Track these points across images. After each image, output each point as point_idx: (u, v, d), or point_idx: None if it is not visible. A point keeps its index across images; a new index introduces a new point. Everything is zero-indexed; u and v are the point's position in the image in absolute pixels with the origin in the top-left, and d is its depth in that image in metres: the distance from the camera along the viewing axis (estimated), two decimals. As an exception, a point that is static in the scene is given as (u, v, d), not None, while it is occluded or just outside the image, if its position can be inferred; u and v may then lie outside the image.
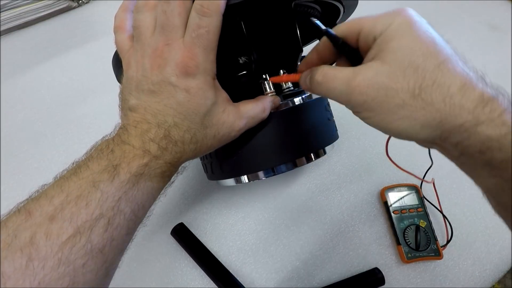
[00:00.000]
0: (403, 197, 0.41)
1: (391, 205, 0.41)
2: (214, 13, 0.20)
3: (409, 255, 0.38)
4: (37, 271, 0.16)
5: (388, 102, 0.18)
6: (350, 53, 0.21)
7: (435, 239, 0.39)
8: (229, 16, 0.21)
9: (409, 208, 0.40)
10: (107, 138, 0.22)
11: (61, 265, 0.17)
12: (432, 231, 0.39)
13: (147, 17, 0.22)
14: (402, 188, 0.42)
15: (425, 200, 0.41)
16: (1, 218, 0.18)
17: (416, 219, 0.40)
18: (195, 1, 0.20)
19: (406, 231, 0.39)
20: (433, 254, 0.38)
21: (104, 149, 0.20)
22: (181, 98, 0.21)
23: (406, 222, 0.40)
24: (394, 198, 0.41)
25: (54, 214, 0.17)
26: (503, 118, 0.16)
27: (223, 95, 0.24)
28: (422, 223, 0.39)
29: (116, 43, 0.24)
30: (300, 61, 0.29)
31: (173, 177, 0.24)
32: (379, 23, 0.19)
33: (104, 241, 0.18)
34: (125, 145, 0.20)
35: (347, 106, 0.21)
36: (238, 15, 0.23)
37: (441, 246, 0.39)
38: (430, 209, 0.41)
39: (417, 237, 0.39)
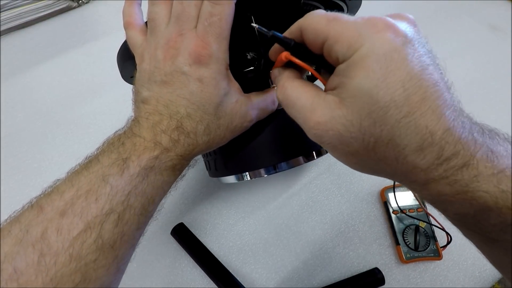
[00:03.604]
0: (403, 197, 0.41)
1: (391, 205, 0.41)
2: (226, 2, 0.20)
3: (408, 255, 0.38)
4: (49, 267, 0.16)
5: (342, 149, 0.17)
6: (311, 58, 0.18)
7: (435, 240, 0.39)
8: (240, 12, 0.21)
9: (409, 209, 0.40)
10: (119, 132, 0.22)
11: (72, 260, 0.17)
12: (432, 231, 0.39)
13: (163, 10, 0.22)
14: (402, 188, 0.41)
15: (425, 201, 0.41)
16: (15, 213, 0.18)
17: (416, 219, 0.40)
18: None
19: (405, 231, 0.39)
20: (432, 254, 0.38)
21: (115, 142, 0.20)
22: (194, 88, 0.21)
23: (405, 223, 0.40)
24: (394, 198, 0.41)
25: (64, 209, 0.17)
26: (456, 177, 0.15)
27: (236, 85, 0.24)
28: (422, 224, 0.39)
29: (128, 39, 0.24)
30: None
31: (184, 171, 0.23)
32: (347, 40, 0.15)
33: (114, 236, 0.18)
34: (136, 137, 0.20)
35: None
36: (249, 11, 0.23)
37: (441, 247, 0.39)
38: (430, 209, 0.41)
39: (416, 237, 0.39)
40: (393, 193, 0.41)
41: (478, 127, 0.16)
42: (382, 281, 0.37)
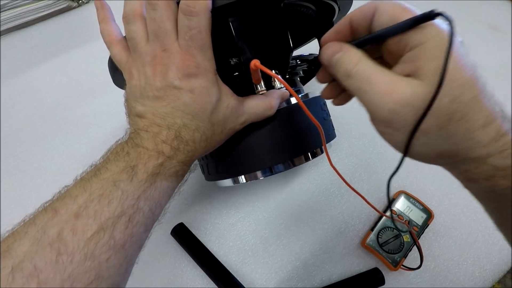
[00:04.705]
0: (411, 209, 0.41)
1: (394, 205, 0.41)
2: (201, 12, 0.20)
3: (370, 243, 0.39)
4: (66, 265, 0.17)
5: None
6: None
7: (404, 256, 0.38)
8: (218, 17, 0.21)
9: (408, 221, 0.40)
10: (120, 141, 0.23)
11: (87, 259, 0.18)
12: (408, 249, 0.38)
13: (139, 27, 0.22)
14: (417, 204, 0.41)
15: (428, 227, 0.40)
16: (28, 217, 0.19)
17: (405, 231, 0.39)
18: (180, 2, 0.20)
19: (387, 229, 0.39)
20: (390, 261, 0.38)
21: (119, 152, 0.21)
22: (187, 99, 0.21)
23: (393, 225, 0.39)
24: (403, 204, 0.41)
25: (78, 212, 0.18)
26: (510, 150, 0.17)
27: (225, 89, 0.24)
28: (406, 238, 0.39)
29: (113, 57, 0.25)
30: (293, 61, 0.29)
31: (186, 176, 0.25)
32: (417, 30, 0.18)
33: (125, 237, 0.19)
34: (139, 147, 0.21)
35: (368, 112, 0.20)
36: (226, 16, 0.23)
37: (403, 266, 0.38)
38: (425, 236, 0.40)
39: (390, 239, 0.38)
40: (406, 200, 0.41)
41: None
42: (382, 281, 0.37)
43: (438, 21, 0.17)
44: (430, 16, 0.17)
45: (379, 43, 0.20)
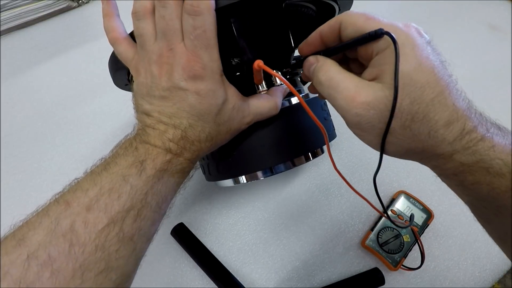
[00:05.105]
0: (411, 209, 0.41)
1: (394, 205, 0.41)
2: (205, 11, 0.20)
3: (370, 243, 0.39)
4: (77, 255, 0.18)
5: (380, 128, 0.19)
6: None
7: (404, 256, 0.38)
8: (219, 18, 0.21)
9: (406, 220, 0.40)
10: (129, 137, 0.23)
11: (98, 251, 0.18)
12: (408, 249, 0.38)
13: (149, 24, 0.22)
14: (417, 204, 0.41)
15: (428, 228, 0.40)
16: (41, 207, 0.20)
17: (405, 231, 0.39)
18: (184, 2, 0.20)
19: (387, 229, 0.39)
20: (390, 261, 0.38)
21: (128, 147, 0.22)
22: (193, 101, 0.22)
23: (393, 225, 0.39)
24: (403, 204, 0.41)
25: (90, 205, 0.19)
26: (477, 147, 0.18)
27: (232, 89, 0.24)
28: (406, 238, 0.39)
29: (119, 54, 0.24)
30: (294, 60, 0.29)
31: (191, 172, 0.25)
32: (382, 37, 0.18)
33: (133, 230, 0.20)
34: (147, 144, 0.21)
35: (341, 116, 0.21)
36: (228, 17, 0.23)
37: (403, 266, 0.38)
38: (425, 236, 0.40)
39: (390, 239, 0.39)
40: (406, 201, 0.41)
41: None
42: (382, 281, 0.37)
43: (402, 27, 0.19)
44: (376, 35, 0.18)
45: (350, 49, 0.21)
